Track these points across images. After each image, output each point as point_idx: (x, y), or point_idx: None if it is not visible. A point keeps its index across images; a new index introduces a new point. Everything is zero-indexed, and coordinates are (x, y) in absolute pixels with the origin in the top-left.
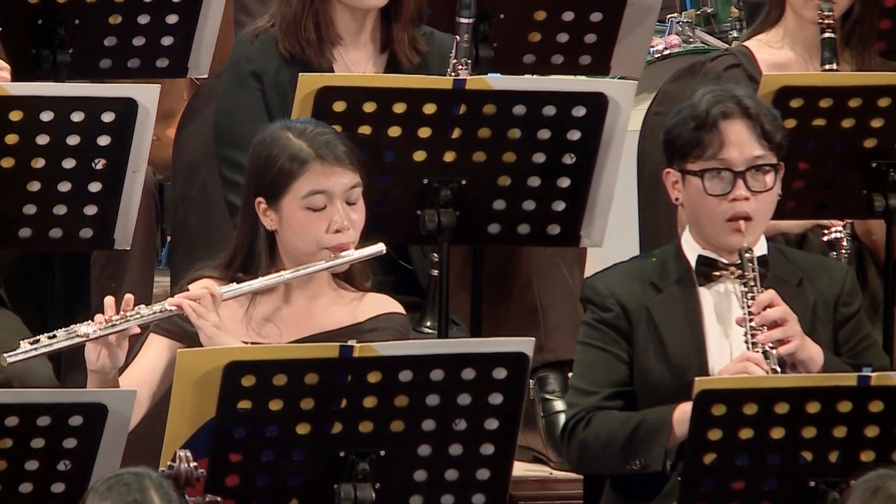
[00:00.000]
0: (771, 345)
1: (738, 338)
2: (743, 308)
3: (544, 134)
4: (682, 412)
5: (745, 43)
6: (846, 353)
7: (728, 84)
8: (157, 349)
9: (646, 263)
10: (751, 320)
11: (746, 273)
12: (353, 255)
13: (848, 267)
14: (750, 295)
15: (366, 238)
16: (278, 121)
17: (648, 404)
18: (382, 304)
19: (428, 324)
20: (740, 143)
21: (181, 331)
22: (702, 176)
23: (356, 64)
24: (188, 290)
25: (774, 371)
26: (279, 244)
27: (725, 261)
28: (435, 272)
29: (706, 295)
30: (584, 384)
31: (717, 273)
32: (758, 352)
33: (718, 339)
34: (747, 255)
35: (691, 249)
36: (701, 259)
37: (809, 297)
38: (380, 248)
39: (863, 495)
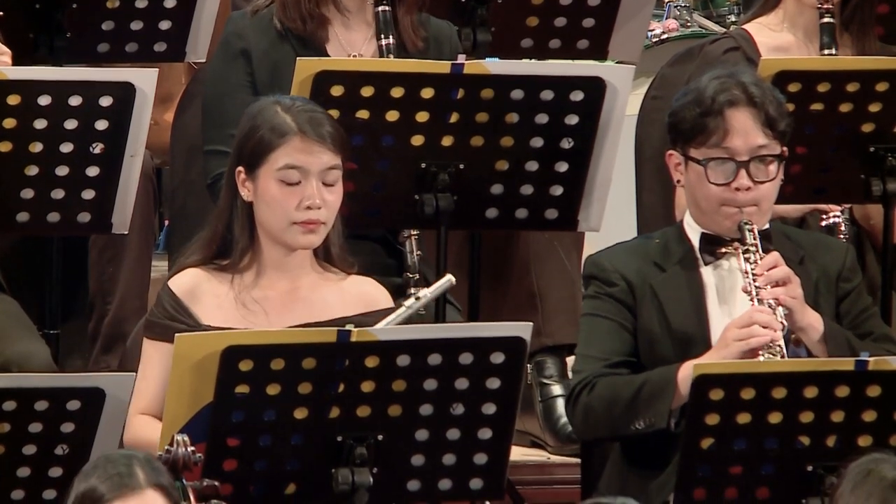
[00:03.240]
0: (775, 301)
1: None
2: (747, 272)
3: (542, 118)
4: (687, 371)
5: (745, 26)
6: (848, 324)
7: (735, 68)
8: (158, 357)
9: (648, 244)
10: (755, 280)
11: (747, 241)
12: (428, 293)
13: (848, 244)
14: (752, 259)
15: (364, 224)
16: (272, 95)
17: None
18: (370, 294)
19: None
20: (745, 131)
21: (173, 332)
22: (705, 165)
23: (351, 44)
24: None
25: (783, 325)
26: (256, 218)
27: (729, 237)
28: (418, 252)
29: (709, 274)
30: (591, 351)
31: (723, 249)
32: (763, 307)
33: (721, 315)
34: (747, 226)
35: (693, 230)
36: (704, 237)
37: (812, 275)
38: (449, 280)
39: (855, 479)
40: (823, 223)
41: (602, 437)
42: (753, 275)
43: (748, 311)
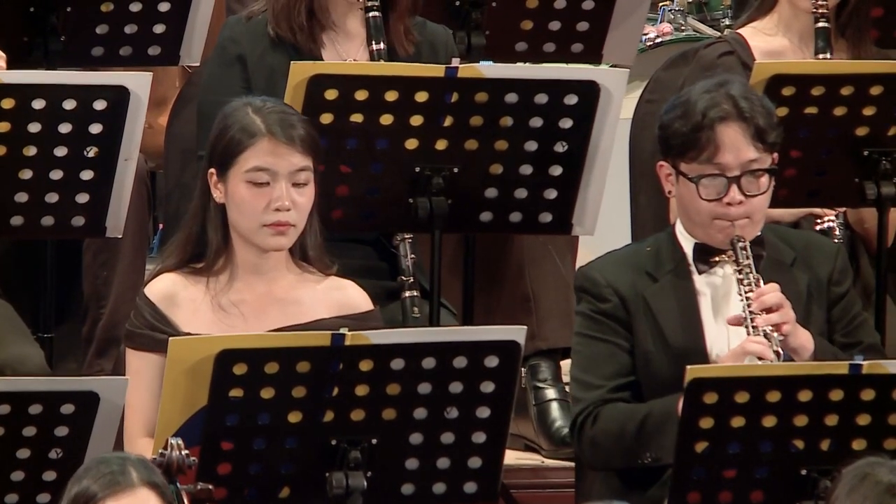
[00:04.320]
0: (770, 328)
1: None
2: (740, 295)
3: (536, 122)
4: None
5: (739, 30)
6: (839, 331)
7: (725, 77)
8: (145, 369)
9: (640, 252)
10: (749, 305)
11: (741, 261)
12: None
13: (839, 245)
14: (746, 282)
15: (358, 227)
16: (245, 97)
17: (650, 393)
18: (348, 297)
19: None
20: (735, 147)
21: (155, 342)
22: (696, 182)
23: (347, 51)
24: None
25: (777, 353)
26: (229, 220)
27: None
28: (411, 255)
29: (702, 282)
30: (588, 377)
31: (716, 258)
32: (758, 335)
33: (716, 325)
34: (740, 244)
35: (686, 238)
36: (698, 247)
37: (803, 278)
38: None
39: (851, 482)
40: (818, 227)
41: (611, 468)
42: (748, 300)
43: (742, 342)
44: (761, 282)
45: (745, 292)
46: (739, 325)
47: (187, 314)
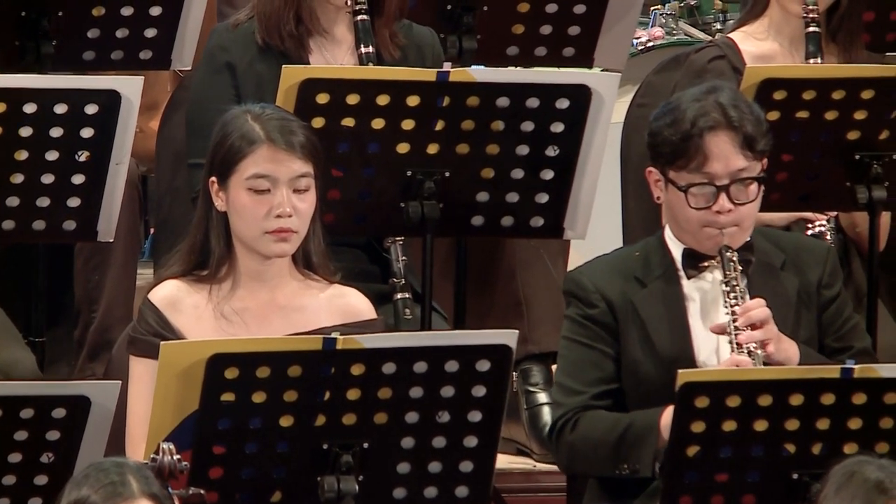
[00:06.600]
0: (754, 345)
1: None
2: (726, 307)
3: (528, 126)
4: (670, 416)
5: (730, 35)
6: (831, 335)
7: (715, 84)
8: (149, 375)
9: (629, 257)
10: (734, 321)
11: (728, 273)
12: None
13: (830, 246)
14: (732, 295)
15: (350, 231)
16: (244, 104)
17: (637, 399)
18: (352, 304)
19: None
20: (724, 156)
21: (158, 349)
22: (685, 190)
23: (334, 56)
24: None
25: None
26: (231, 228)
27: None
28: (402, 258)
29: (691, 288)
30: (571, 382)
31: (705, 263)
32: (742, 353)
33: (704, 331)
34: (728, 253)
35: (675, 243)
36: (686, 252)
37: (793, 281)
38: None
39: (839, 481)
40: (809, 232)
41: (587, 475)
42: (733, 314)
43: (728, 359)
44: (747, 296)
45: (731, 306)
46: (723, 334)
47: (190, 321)
